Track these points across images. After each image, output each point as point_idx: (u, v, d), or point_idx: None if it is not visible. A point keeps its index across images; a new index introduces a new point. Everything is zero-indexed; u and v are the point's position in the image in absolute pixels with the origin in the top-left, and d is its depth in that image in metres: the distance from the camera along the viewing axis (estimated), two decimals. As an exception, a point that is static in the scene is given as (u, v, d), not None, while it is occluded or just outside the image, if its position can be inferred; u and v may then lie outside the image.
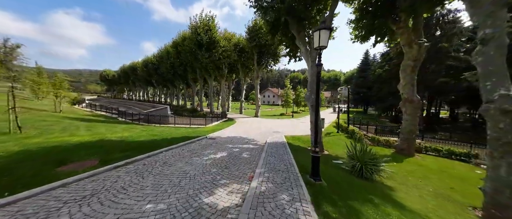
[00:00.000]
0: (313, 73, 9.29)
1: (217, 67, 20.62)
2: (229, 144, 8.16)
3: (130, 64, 52.48)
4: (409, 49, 9.20)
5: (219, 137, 10.21)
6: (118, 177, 3.90)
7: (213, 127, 14.35)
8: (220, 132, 12.26)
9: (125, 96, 76.27)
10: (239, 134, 11.65)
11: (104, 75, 72.72)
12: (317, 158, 4.05)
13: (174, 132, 11.04)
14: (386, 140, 10.93)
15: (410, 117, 9.49)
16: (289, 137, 11.45)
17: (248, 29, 22.68)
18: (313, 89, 9.19)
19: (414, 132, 9.46)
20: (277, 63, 25.26)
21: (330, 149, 9.34)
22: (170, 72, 33.68)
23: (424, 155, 10.05)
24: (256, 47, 21.86)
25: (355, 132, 12.23)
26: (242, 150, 7.01)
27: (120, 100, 62.18)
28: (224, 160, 5.40)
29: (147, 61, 41.05)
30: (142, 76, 45.73)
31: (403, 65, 9.62)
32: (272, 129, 14.50)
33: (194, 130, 12.34)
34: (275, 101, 70.10)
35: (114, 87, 77.06)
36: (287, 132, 13.31)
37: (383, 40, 10.98)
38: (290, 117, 25.32)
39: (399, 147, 9.81)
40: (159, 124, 14.98)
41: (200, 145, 7.65)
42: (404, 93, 9.65)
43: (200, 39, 17.47)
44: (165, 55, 32.24)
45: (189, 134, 10.63)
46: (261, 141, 9.51)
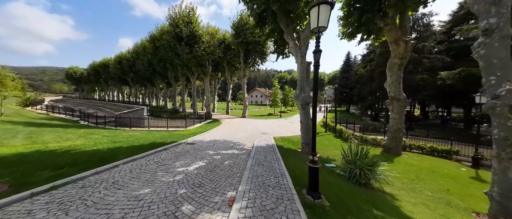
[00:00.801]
0: (303, 69, 8.64)
1: (200, 64, 19.03)
2: (210, 150, 7.04)
3: (102, 60, 47.15)
4: (396, 46, 9.09)
5: (200, 141, 8.98)
6: (27, 213, 2.58)
7: (194, 130, 12.96)
8: (202, 135, 10.99)
9: (97, 96, 68.73)
10: (223, 136, 10.53)
11: (71, 73, 64.49)
12: (316, 170, 3.24)
13: (145, 137, 9.47)
14: (374, 139, 10.83)
15: (397, 115, 9.42)
16: (278, 138, 10.70)
17: (233, 25, 21.50)
18: (303, 87, 8.54)
19: (401, 130, 9.41)
20: (264, 62, 24.50)
21: (320, 150, 8.78)
22: (148, 70, 30.78)
23: (408, 152, 10.12)
24: (243, 44, 20.81)
25: (343, 131, 12.00)
26: (225, 157, 5.96)
27: (90, 101, 55.67)
28: (199, 174, 4.30)
29: (121, 58, 37.10)
30: (115, 74, 41.27)
31: (390, 63, 9.52)
32: (260, 130, 13.65)
33: (171, 134, 10.86)
34: (263, 101, 69.75)
35: (83, 87, 68.89)
36: (276, 133, 12.57)
37: (369, 38, 10.85)
38: (278, 117, 24.82)
39: (386, 145, 9.70)
40: (130, 127, 13.06)
41: (173, 153, 6.39)
42: (391, 92, 9.56)
43: (179, 32, 15.77)
44: (141, 50, 29.29)
45: (164, 138, 9.19)
46: (248, 145, 8.55)
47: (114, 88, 56.12)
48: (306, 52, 8.51)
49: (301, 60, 8.55)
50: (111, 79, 46.94)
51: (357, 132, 12.74)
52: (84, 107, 46.34)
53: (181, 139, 9.36)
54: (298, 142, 10.07)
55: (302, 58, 8.52)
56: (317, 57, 3.20)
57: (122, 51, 37.88)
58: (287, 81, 79.55)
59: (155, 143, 8.01)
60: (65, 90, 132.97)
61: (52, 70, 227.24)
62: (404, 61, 9.13)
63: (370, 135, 11.65)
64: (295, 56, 8.89)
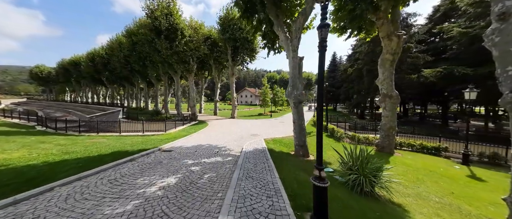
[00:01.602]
0: (295, 65, 7.88)
1: (182, 61, 17.46)
2: (189, 159, 5.91)
3: (72, 58, 42.30)
4: (388, 41, 8.78)
5: (179, 147, 7.76)
6: None
7: (175, 133, 11.57)
8: (183, 139, 9.71)
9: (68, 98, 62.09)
10: (208, 140, 9.38)
11: (36, 73, 57.18)
12: (324, 191, 2.39)
13: (111, 145, 7.97)
14: (366, 138, 10.52)
15: (390, 113, 9.14)
16: (270, 140, 9.86)
17: (220, 19, 20.23)
18: (295, 84, 7.78)
19: (394, 128, 9.15)
20: (253, 60, 23.54)
21: (314, 152, 8.11)
22: (126, 68, 28.05)
23: (399, 150, 9.95)
24: (230, 40, 19.62)
25: (334, 130, 11.58)
26: (206, 168, 4.92)
27: (60, 103, 49.86)
28: (165, 198, 3.18)
29: (94, 54, 33.45)
30: (87, 73, 37.20)
31: (382, 59, 9.21)
32: (250, 131, 12.70)
33: (146, 140, 9.43)
34: (252, 101, 68.89)
35: (52, 88, 61.62)
36: (267, 134, 11.72)
37: (359, 33, 10.51)
38: (269, 117, 24.11)
39: (380, 144, 9.39)
40: (98, 132, 11.24)
41: (141, 166, 5.16)
42: (383, 88, 9.26)
43: (157, 25, 14.12)
44: (116, 47, 26.53)
45: (135, 146, 7.80)
46: (235, 149, 7.55)
47: (87, 89, 50.89)
48: (298, 45, 7.77)
49: (293, 55, 7.78)
50: (83, 79, 42.32)
51: (349, 131, 12.45)
52: (51, 111, 41.18)
53: (157, 145, 8.04)
54: (290, 144, 9.33)
55: (293, 52, 7.76)
56: (324, 34, 2.35)
57: (95, 48, 34.19)
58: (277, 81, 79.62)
59: (121, 151, 6.63)
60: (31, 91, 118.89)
61: (16, 69, 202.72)
62: (396, 57, 8.86)
63: (362, 133, 11.35)
64: (286, 50, 8.11)
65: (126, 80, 34.65)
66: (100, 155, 6.05)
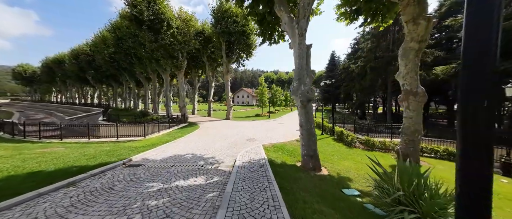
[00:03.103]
0: (301, 53, 6.19)
1: (170, 55, 15.57)
2: (157, 181, 4.14)
3: (55, 56, 39.53)
4: (413, 27, 7.23)
5: (152, 160, 5.95)
6: None
7: (156, 139, 9.71)
8: (164, 147, 7.90)
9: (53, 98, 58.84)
10: (194, 148, 7.60)
11: (19, 72, 53.70)
12: None
13: (66, 156, 6.09)
14: (382, 143, 8.95)
15: (414, 114, 7.57)
16: (269, 146, 8.15)
17: (213, 12, 18.45)
18: (302, 77, 6.09)
19: (419, 132, 7.59)
20: (250, 56, 21.85)
21: (328, 163, 6.44)
22: (112, 66, 25.83)
23: (421, 157, 8.43)
24: (224, 34, 17.83)
25: (344, 133, 9.98)
26: (174, 203, 3.16)
27: (44, 104, 46.81)
28: None
29: (78, 51, 31.00)
30: (72, 72, 34.62)
31: (404, 49, 7.65)
32: (246, 135, 10.97)
33: (117, 147, 7.56)
34: (249, 101, 67.15)
35: (36, 88, 58.11)
36: (265, 138, 10.02)
37: (373, 20, 8.96)
38: (267, 118, 22.43)
39: (402, 151, 7.82)
40: (61, 138, 9.26)
41: (79, 195, 3.36)
42: (406, 84, 7.70)
43: (137, 13, 12.16)
44: (100, 42, 24.33)
45: (96, 157, 5.96)
46: (226, 162, 5.81)
47: (74, 89, 47.93)
48: (306, 28, 6.11)
49: (299, 40, 6.12)
50: (69, 78, 39.57)
51: (358, 133, 10.87)
52: (32, 112, 38.33)
53: (125, 155, 6.22)
54: (294, 151, 7.66)
55: (300, 37, 6.09)
56: None
57: (79, 44, 31.71)
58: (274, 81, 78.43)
59: (69, 168, 4.81)
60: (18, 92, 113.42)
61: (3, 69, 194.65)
62: (423, 45, 7.31)
63: (376, 137, 9.80)
64: (291, 35, 6.43)
65: (113, 79, 32.32)
66: (33, 173, 4.21)
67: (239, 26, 17.99)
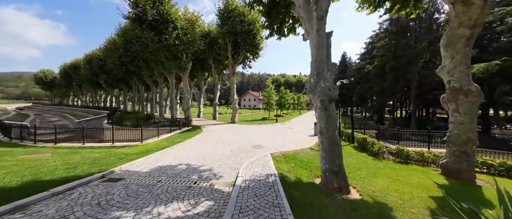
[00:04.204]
0: (320, 42, 4.94)
1: (174, 56, 15.01)
2: (130, 208, 3.07)
3: (72, 61, 41.50)
4: (463, 8, 5.74)
5: (137, 172, 4.94)
6: None
7: (154, 144, 8.81)
8: (158, 153, 6.93)
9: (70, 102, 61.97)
10: (191, 157, 6.52)
11: (40, 77, 57.38)
12: None
13: (47, 164, 5.29)
14: (419, 153, 7.27)
15: (466, 118, 5.95)
16: (279, 156, 6.86)
17: (219, 12, 17.89)
18: (321, 71, 4.82)
19: (474, 141, 5.93)
20: (257, 57, 20.93)
21: (356, 180, 5.01)
22: (121, 69, 26.14)
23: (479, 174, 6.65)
24: (230, 34, 17.11)
25: (368, 141, 8.40)
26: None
27: (60, 107, 49.19)
28: None
29: (91, 56, 32.06)
30: (86, 77, 35.86)
31: (450, 37, 6.14)
32: (252, 140, 9.77)
33: (106, 154, 6.69)
34: (256, 105, 66.16)
35: (56, 92, 61.62)
36: (274, 145, 8.74)
37: (404, 7, 7.51)
38: (274, 122, 21.09)
39: (449, 167, 6.17)
40: (55, 142, 8.65)
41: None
42: (454, 81, 6.14)
43: (140, 12, 11.69)
44: (111, 47, 24.75)
45: (80, 166, 5.09)
46: (226, 177, 4.65)
47: (89, 93, 49.95)
48: (327, 8, 4.88)
49: (319, 25, 4.91)
50: (83, 83, 41.18)
51: (388, 142, 9.19)
52: (49, 115, 40.10)
53: (112, 164, 5.28)
54: (310, 162, 6.31)
55: (319, 20, 4.88)
56: None
57: (93, 49, 32.85)
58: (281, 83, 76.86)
59: (34, 182, 3.94)
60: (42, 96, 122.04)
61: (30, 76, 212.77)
62: (476, 31, 5.78)
63: (410, 146, 8.12)
64: (307, 20, 5.23)
65: (124, 83, 32.92)
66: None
67: (245, 25, 17.20)
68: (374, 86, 20.44)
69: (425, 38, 14.62)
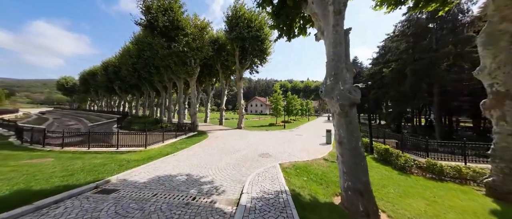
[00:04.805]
0: (338, 39, 4.34)
1: (183, 62, 15.12)
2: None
3: (90, 69, 44.11)
4: (506, 1, 4.94)
5: (133, 182, 4.52)
6: None
7: (158, 149, 8.49)
8: (159, 161, 6.54)
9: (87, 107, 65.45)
10: (193, 166, 6.04)
11: (62, 84, 61.65)
12: None
13: (46, 170, 5.06)
14: (456, 169, 6.21)
15: (515, 128, 4.95)
16: (289, 166, 6.16)
17: (227, 19, 18.07)
18: (339, 72, 4.20)
19: (529, 156, 4.87)
20: (264, 63, 20.70)
21: (383, 201, 4.17)
22: (134, 76, 27.11)
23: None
24: (238, 40, 17.11)
25: (391, 152, 7.42)
26: None
27: (77, 112, 51.98)
28: None
29: (107, 64, 33.78)
30: (102, 83, 37.71)
31: (489, 33, 5.32)
32: (259, 148, 9.14)
33: (108, 160, 6.42)
34: (263, 110, 65.60)
35: (75, 97, 65.65)
36: (283, 154, 8.05)
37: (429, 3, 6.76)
38: (282, 128, 20.31)
39: (497, 187, 5.11)
40: (62, 146, 8.63)
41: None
42: (497, 84, 5.23)
43: (151, 19, 11.97)
44: (125, 54, 25.86)
45: (77, 174, 4.79)
46: (229, 191, 4.07)
47: (105, 99, 52.48)
48: (346, 3, 4.36)
49: (336, 21, 4.36)
50: (100, 88, 43.38)
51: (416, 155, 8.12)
52: (67, 119, 42.32)
53: (109, 173, 4.93)
54: (325, 176, 5.54)
55: (337, 15, 4.34)
56: None
57: (109, 57, 34.65)
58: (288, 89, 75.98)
59: (24, 191, 3.64)
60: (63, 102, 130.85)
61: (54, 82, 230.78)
62: (525, 25, 4.93)
63: (443, 160, 7.04)
64: (322, 16, 4.71)
65: (136, 89, 34.09)
66: None
67: (253, 30, 17.15)
68: (390, 92, 19.10)
69: (448, 40, 13.48)
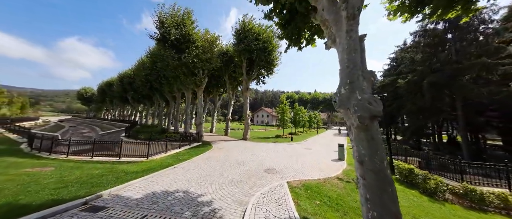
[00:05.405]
0: (352, 45, 3.90)
1: (192, 73, 15.44)
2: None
3: (108, 80, 47.08)
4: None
5: (127, 198, 4.12)
6: None
7: (159, 161, 8.17)
8: (157, 174, 6.15)
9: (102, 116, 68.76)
10: (192, 181, 5.57)
11: (82, 94, 66.15)
12: None
13: (38, 181, 4.88)
14: (501, 197, 5.15)
15: None
16: (298, 186, 5.46)
17: (235, 33, 18.66)
18: (355, 80, 3.67)
19: None
20: (271, 74, 20.69)
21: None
22: (146, 86, 28.28)
23: None
24: (245, 52, 17.45)
25: (416, 174, 6.44)
26: None
27: (92, 120, 54.55)
28: None
29: (123, 75, 35.83)
30: (117, 93, 39.77)
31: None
32: (264, 162, 8.49)
33: (107, 171, 6.16)
34: (269, 121, 64.63)
35: (92, 107, 69.68)
36: (290, 170, 7.33)
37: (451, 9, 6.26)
38: (289, 140, 19.41)
39: None
40: (67, 155, 8.60)
41: None
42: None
43: (164, 33, 12.59)
44: (140, 66, 27.34)
45: (73, 185, 4.53)
46: (228, 217, 3.49)
47: (118, 108, 54.99)
48: (360, 6, 4.02)
49: (349, 26, 4.00)
50: (115, 98, 45.70)
51: (450, 179, 7.03)
52: (82, 127, 44.31)
53: (104, 186, 4.60)
54: (340, 200, 4.78)
55: (351, 20, 3.98)
56: None
57: (126, 69, 36.85)
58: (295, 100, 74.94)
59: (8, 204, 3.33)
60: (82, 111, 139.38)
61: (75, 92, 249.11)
62: None
63: (485, 185, 5.96)
64: (333, 23, 4.36)
65: (148, 99, 35.35)
66: None
67: (260, 43, 17.45)
68: (407, 105, 17.85)
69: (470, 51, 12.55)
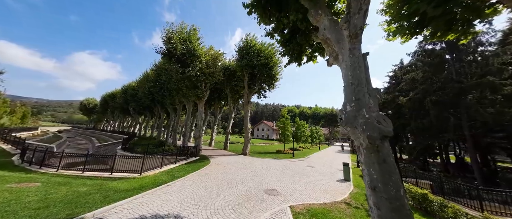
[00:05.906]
0: (356, 63, 3.88)
1: (194, 86, 15.61)
2: None
3: (111, 91, 47.86)
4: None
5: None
6: None
7: (153, 177, 7.69)
8: (148, 194, 5.69)
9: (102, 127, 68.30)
10: (185, 203, 5.11)
11: (84, 105, 66.78)
12: None
13: (16, 200, 4.43)
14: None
15: None
16: (302, 210, 4.95)
17: (239, 49, 19.34)
18: (361, 97, 3.54)
19: None
20: (272, 88, 20.89)
21: None
22: (148, 98, 28.52)
23: None
24: (247, 67, 17.89)
25: (431, 200, 5.85)
26: None
27: (92, 131, 54.06)
28: None
29: (127, 88, 36.45)
30: (119, 104, 40.03)
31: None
32: (264, 182, 7.94)
33: (96, 188, 5.72)
34: (269, 135, 63.48)
35: (92, 117, 69.76)
36: (293, 191, 6.79)
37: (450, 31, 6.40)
38: (290, 156, 18.66)
39: None
40: (57, 170, 8.16)
41: None
42: None
43: (170, 48, 13.06)
44: (144, 79, 27.96)
45: (48, 207, 4.11)
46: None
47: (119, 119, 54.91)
48: (363, 25, 4.07)
49: (352, 44, 4.01)
50: (116, 109, 45.88)
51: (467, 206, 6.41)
52: (80, 138, 43.70)
53: (89, 207, 4.19)
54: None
55: (353, 39, 4.01)
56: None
57: (130, 82, 37.63)
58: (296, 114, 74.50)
59: None
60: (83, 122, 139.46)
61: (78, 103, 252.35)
62: None
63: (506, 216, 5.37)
64: (335, 42, 4.38)
65: (149, 110, 35.36)
66: None
67: (262, 59, 17.98)
68: (411, 123, 17.48)
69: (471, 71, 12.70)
